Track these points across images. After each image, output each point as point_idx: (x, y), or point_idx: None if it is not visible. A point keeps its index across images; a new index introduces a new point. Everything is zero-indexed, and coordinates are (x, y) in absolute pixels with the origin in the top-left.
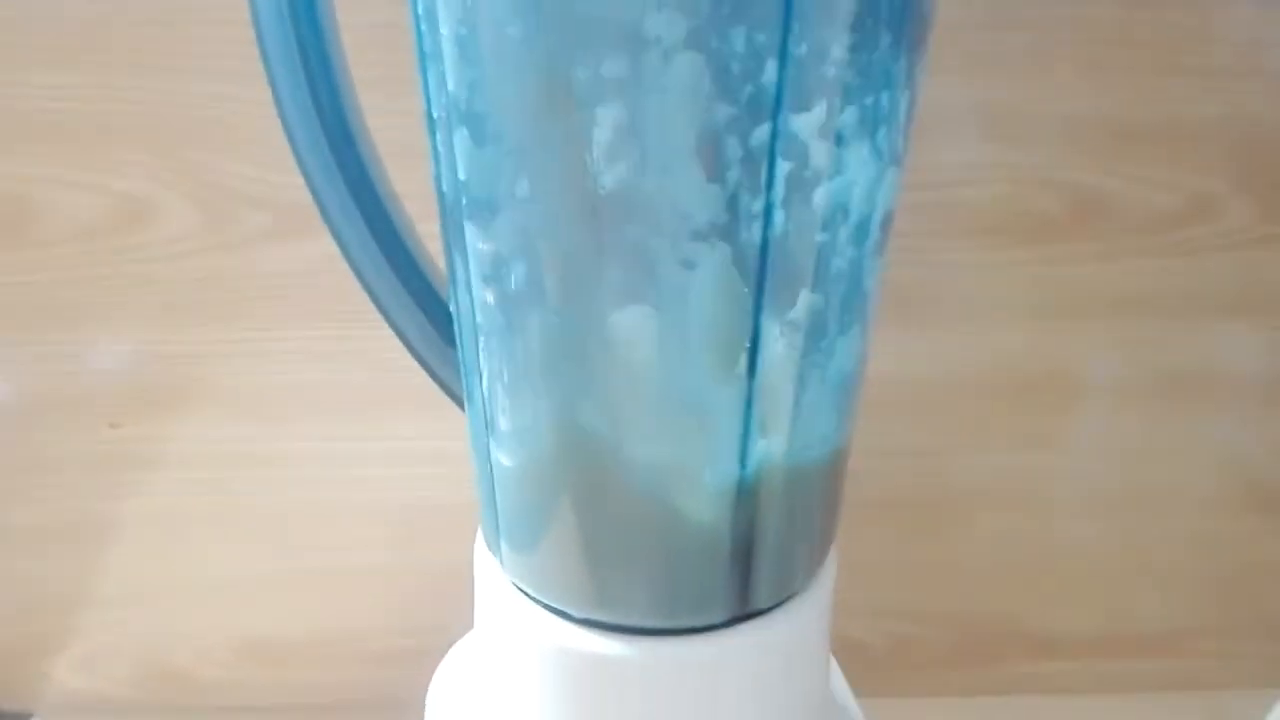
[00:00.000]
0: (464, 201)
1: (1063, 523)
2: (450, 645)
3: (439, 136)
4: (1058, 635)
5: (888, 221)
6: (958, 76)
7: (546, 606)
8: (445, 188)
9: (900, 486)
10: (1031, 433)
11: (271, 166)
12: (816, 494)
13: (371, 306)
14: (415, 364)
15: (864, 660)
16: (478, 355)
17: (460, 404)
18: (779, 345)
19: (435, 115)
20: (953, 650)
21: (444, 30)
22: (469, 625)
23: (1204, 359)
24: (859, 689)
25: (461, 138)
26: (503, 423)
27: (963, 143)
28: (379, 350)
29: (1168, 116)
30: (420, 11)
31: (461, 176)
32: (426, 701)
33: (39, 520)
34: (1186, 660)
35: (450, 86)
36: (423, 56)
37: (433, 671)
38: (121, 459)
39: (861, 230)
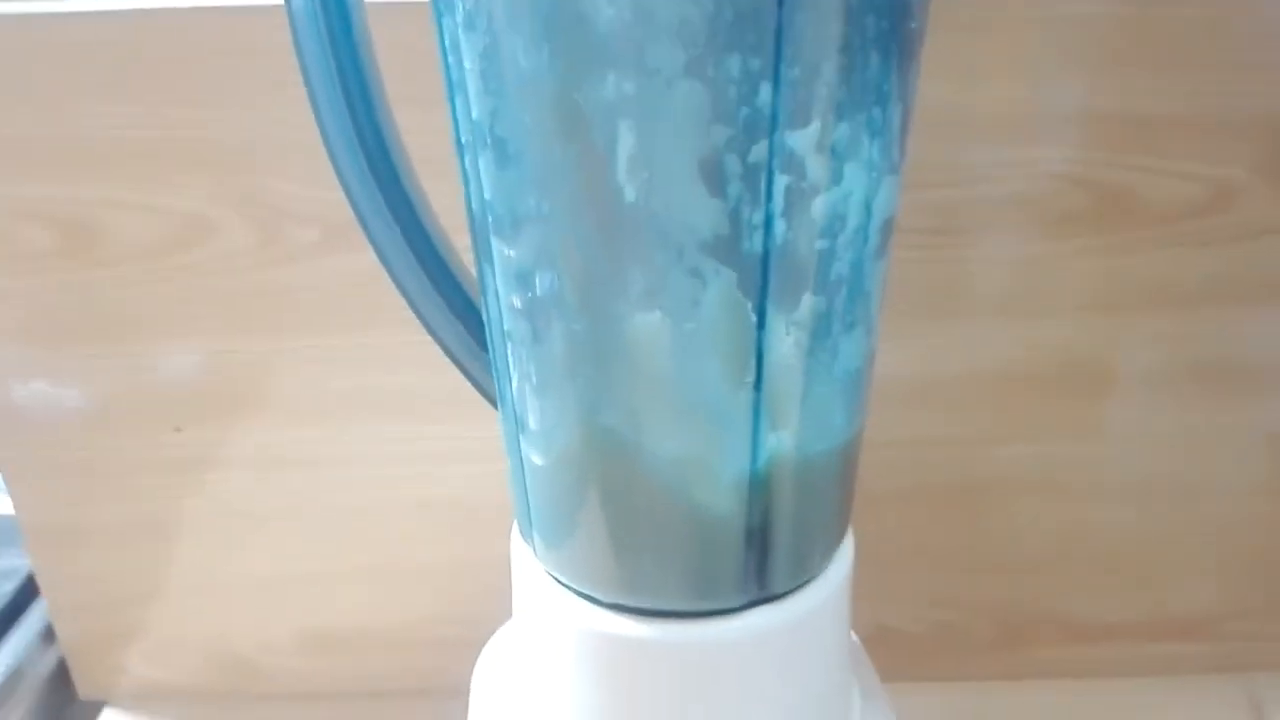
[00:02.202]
0: (490, 218)
1: (1096, 510)
2: (492, 633)
3: (466, 159)
4: (1095, 620)
5: (887, 227)
6: (981, 76)
7: (577, 592)
8: (473, 206)
9: (938, 477)
10: (1067, 421)
11: (319, 185)
12: (828, 484)
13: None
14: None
15: (904, 647)
16: (507, 360)
17: (494, 404)
18: (785, 346)
19: (462, 140)
20: (991, 636)
21: (467, 63)
22: (509, 614)
23: (1232, 346)
24: (899, 674)
25: (486, 160)
26: (532, 422)
27: (988, 141)
28: (425, 355)
29: (1188, 110)
30: (446, 44)
31: (487, 196)
32: (472, 684)
33: (110, 520)
34: (1223, 644)
35: (474, 114)
36: (450, 86)
37: (477, 657)
38: (185, 461)
39: (860, 236)
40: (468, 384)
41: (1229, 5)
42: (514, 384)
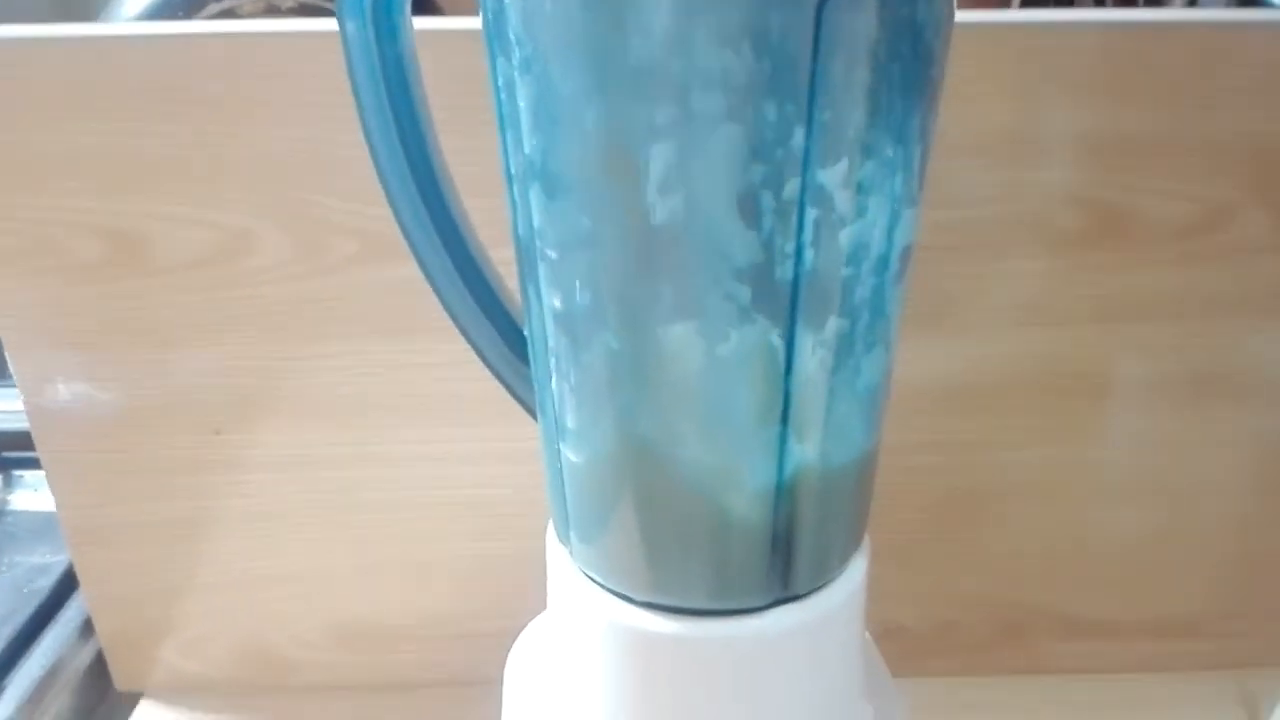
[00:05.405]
0: (537, 244)
1: (1095, 512)
2: (521, 628)
3: (516, 189)
4: (1091, 618)
5: (907, 254)
6: (987, 105)
7: (611, 590)
8: (521, 231)
9: (943, 482)
10: (1066, 429)
11: (358, 199)
12: (847, 492)
13: (448, 323)
14: (487, 375)
15: (909, 643)
16: (550, 373)
17: (531, 413)
18: (812, 365)
19: (513, 171)
20: (991, 633)
21: (521, 103)
22: (537, 609)
23: (1223, 357)
24: (904, 670)
25: (535, 191)
26: (571, 431)
27: (994, 165)
28: (456, 362)
29: (1184, 135)
30: (500, 84)
31: (535, 223)
32: (504, 676)
33: (150, 517)
34: (1214, 641)
35: (525, 149)
36: (502, 121)
37: (507, 651)
38: (224, 461)
39: (882, 264)
40: (495, 389)
41: (1218, 38)
42: (555, 395)
